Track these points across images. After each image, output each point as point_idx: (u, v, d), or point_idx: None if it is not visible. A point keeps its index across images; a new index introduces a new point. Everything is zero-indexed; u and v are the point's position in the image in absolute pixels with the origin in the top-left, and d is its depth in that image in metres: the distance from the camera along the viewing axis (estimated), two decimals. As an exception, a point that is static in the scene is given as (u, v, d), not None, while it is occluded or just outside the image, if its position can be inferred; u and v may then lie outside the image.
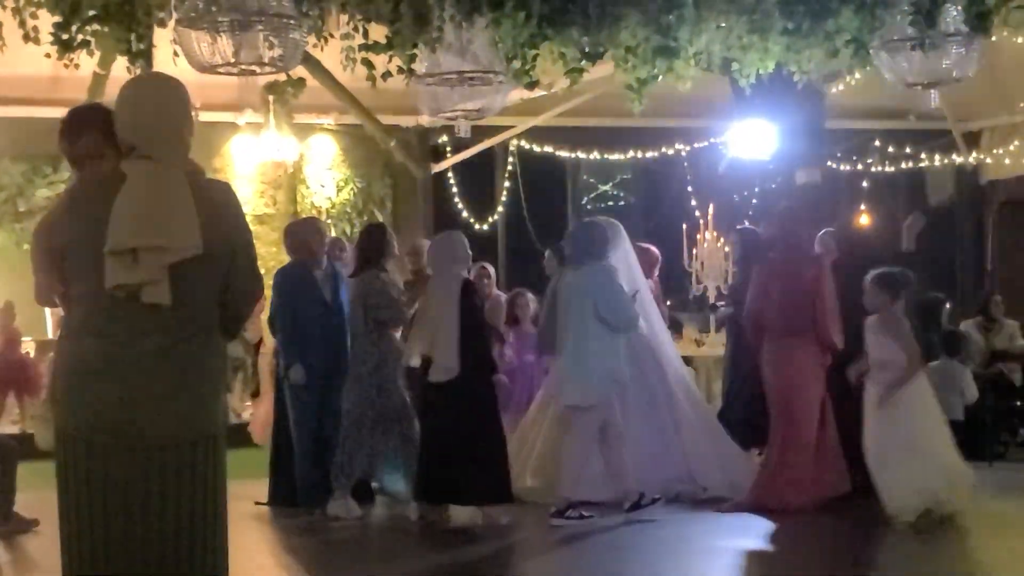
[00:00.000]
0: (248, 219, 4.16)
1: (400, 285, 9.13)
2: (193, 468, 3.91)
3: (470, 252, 8.54)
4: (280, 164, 14.55)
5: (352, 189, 15.42)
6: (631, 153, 16.01)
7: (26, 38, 7.00)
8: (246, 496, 9.19)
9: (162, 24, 7.04)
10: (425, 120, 14.14)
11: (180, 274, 3.83)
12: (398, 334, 8.81)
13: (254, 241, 4.15)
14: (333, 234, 13.44)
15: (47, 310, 12.69)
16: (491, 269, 10.50)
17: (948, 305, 11.52)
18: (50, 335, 12.76)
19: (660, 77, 8.22)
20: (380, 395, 8.58)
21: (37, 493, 7.77)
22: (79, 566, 3.86)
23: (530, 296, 10.03)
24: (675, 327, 11.78)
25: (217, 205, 3.95)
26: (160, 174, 3.87)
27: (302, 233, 9.07)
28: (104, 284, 3.79)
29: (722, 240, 12.89)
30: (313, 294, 8.83)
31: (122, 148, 3.96)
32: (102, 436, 3.81)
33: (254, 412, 9.54)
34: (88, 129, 4.00)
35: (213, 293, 3.96)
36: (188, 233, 3.83)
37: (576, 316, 8.17)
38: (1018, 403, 11.55)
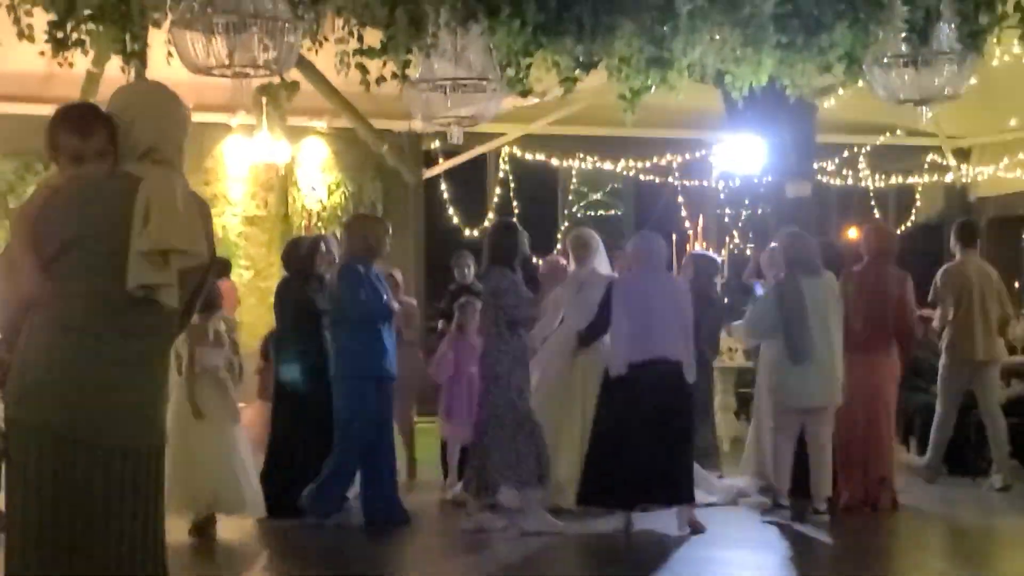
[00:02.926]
0: (239, 220, 4.22)
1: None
2: (148, 475, 3.92)
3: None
4: (272, 166, 14.54)
5: (343, 193, 15.41)
6: (622, 163, 16.05)
7: (20, 35, 7.00)
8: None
9: (157, 24, 7.04)
10: (418, 125, 14.12)
11: (180, 280, 3.90)
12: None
13: (244, 243, 4.23)
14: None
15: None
16: (399, 276, 10.58)
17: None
18: None
19: (653, 88, 8.24)
20: (520, 397, 8.41)
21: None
22: (22, 562, 3.84)
23: (478, 305, 10.03)
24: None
25: (205, 217, 4.03)
26: (179, 180, 3.94)
27: (373, 231, 8.76)
28: (108, 282, 3.80)
29: (712, 252, 12.92)
30: (378, 293, 8.61)
31: (126, 150, 3.97)
32: (71, 433, 3.81)
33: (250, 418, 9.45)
34: (100, 127, 4.00)
35: (186, 299, 4.01)
36: (202, 241, 3.91)
37: (823, 323, 8.69)
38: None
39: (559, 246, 15.74)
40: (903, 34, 7.20)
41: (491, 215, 15.89)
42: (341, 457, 8.48)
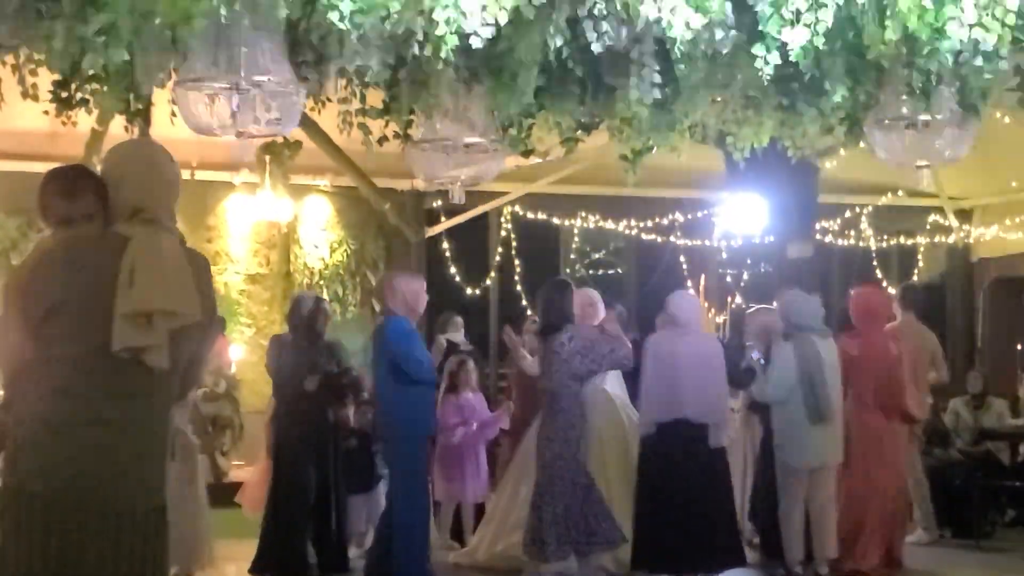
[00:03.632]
0: (241, 278, 4.22)
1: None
2: (145, 538, 3.88)
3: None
4: (274, 224, 14.57)
5: (346, 251, 15.43)
6: (624, 222, 16.06)
7: (25, 95, 7.01)
8: (231, 557, 9.12)
9: (161, 85, 7.06)
10: (420, 184, 14.17)
11: (172, 340, 3.86)
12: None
13: (246, 300, 4.21)
14: (326, 295, 13.47)
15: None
16: None
17: None
18: None
19: (655, 148, 8.26)
20: (578, 455, 8.41)
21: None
22: None
23: (471, 364, 10.01)
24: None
25: (202, 274, 4.01)
26: (167, 240, 3.92)
27: (411, 287, 8.71)
28: (96, 345, 3.78)
29: (714, 311, 12.90)
30: (423, 351, 8.53)
31: (116, 210, 3.97)
32: (65, 497, 3.77)
33: (249, 477, 9.37)
34: (86, 190, 4.01)
35: (183, 360, 3.98)
36: (193, 300, 3.88)
37: (833, 383, 8.89)
38: (1006, 482, 11.50)
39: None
40: (903, 96, 7.21)
41: (493, 273, 15.89)
42: (408, 517, 8.23)
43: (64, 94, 7.10)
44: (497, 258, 15.97)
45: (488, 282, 15.96)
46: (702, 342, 8.55)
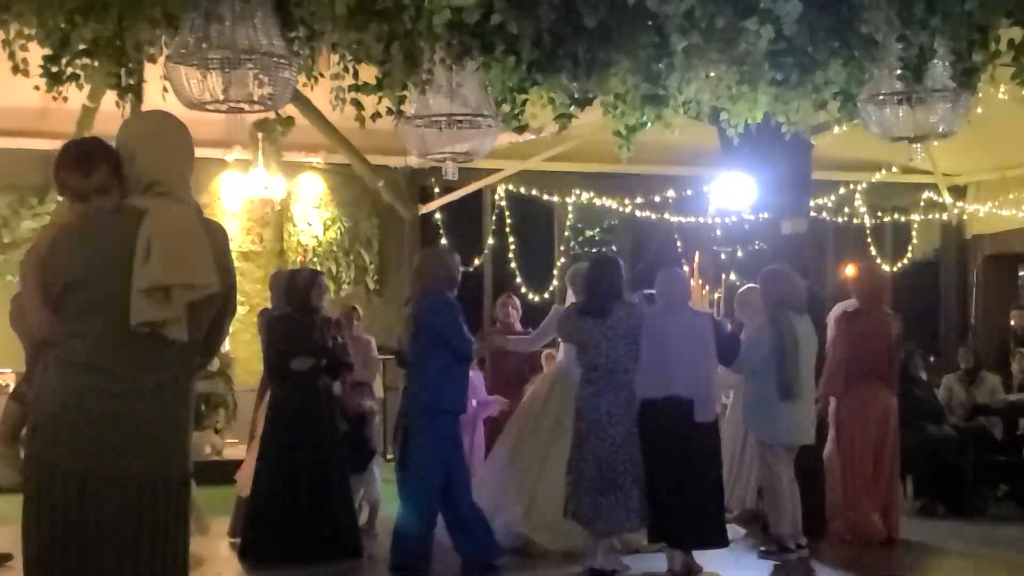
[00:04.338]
0: (234, 255, 4.20)
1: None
2: (168, 509, 3.89)
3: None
4: (268, 201, 14.55)
5: (339, 228, 15.42)
6: (618, 199, 16.05)
7: (15, 70, 6.98)
8: (223, 534, 9.13)
9: (152, 60, 7.04)
10: (413, 161, 14.16)
11: (191, 312, 3.86)
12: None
13: (239, 278, 4.19)
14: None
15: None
16: (360, 311, 10.57)
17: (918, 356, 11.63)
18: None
19: (649, 124, 8.24)
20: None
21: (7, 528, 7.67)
22: None
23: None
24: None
25: (219, 245, 4.00)
26: (184, 212, 3.91)
27: (451, 264, 8.71)
28: (116, 319, 3.78)
29: (707, 288, 12.91)
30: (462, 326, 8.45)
31: (132, 183, 3.96)
32: (90, 470, 3.79)
33: (247, 459, 9.27)
34: (101, 163, 4.00)
35: (203, 331, 3.98)
36: (210, 272, 3.88)
37: (807, 363, 8.97)
38: (999, 457, 11.53)
39: (555, 281, 15.77)
40: (897, 72, 7.20)
41: (487, 250, 15.88)
42: (420, 501, 8.16)
43: (54, 69, 7.06)
44: (491, 236, 15.96)
45: (482, 259, 15.95)
46: (691, 318, 8.56)
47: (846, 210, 16.67)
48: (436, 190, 15.04)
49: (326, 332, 8.89)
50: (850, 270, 10.20)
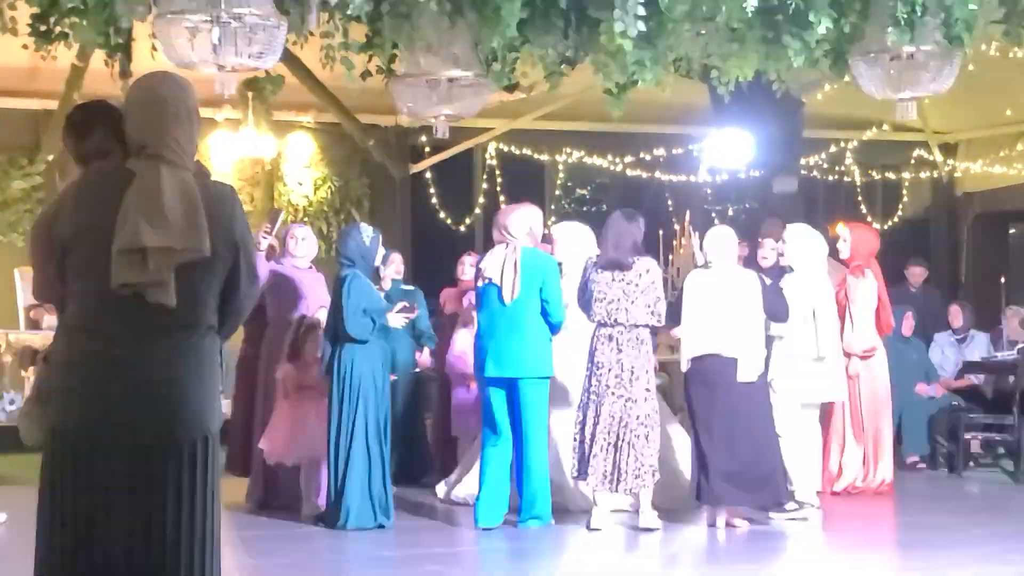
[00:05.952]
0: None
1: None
2: (187, 469, 3.87)
3: None
4: (258, 161, 14.51)
5: (330, 187, 15.38)
6: (609, 157, 16.03)
7: (3, 29, 6.95)
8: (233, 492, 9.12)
9: (141, 18, 7.00)
10: (404, 120, 14.12)
11: (184, 275, 3.83)
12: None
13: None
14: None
15: (20, 304, 12.62)
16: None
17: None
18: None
19: (639, 83, 8.22)
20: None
21: (14, 487, 7.69)
22: (46, 564, 3.83)
23: None
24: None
25: (223, 207, 3.96)
26: (170, 175, 3.86)
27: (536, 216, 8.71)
28: (108, 282, 3.78)
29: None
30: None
31: (130, 146, 3.95)
32: (96, 435, 3.79)
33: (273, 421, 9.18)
34: (98, 126, 4.01)
35: (214, 294, 3.95)
36: (197, 235, 3.83)
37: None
38: (989, 415, 11.59)
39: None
40: (888, 28, 7.18)
41: (478, 209, 15.87)
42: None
43: (43, 27, 7.03)
44: (482, 194, 15.94)
45: (472, 218, 15.94)
46: (738, 275, 8.51)
47: (837, 168, 16.67)
48: (427, 149, 15.02)
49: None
50: (841, 228, 10.18)
